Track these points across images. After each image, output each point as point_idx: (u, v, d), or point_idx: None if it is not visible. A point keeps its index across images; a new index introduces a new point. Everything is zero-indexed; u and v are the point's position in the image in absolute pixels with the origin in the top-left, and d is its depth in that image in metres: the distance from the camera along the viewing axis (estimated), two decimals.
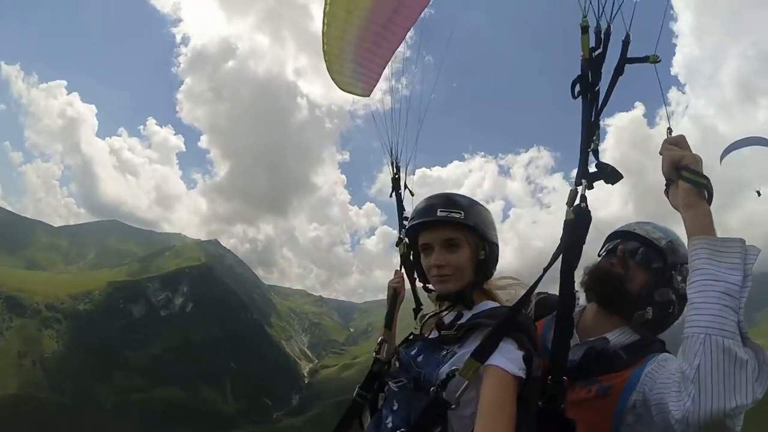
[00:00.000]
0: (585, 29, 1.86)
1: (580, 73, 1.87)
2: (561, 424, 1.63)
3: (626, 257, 2.06)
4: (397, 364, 2.02)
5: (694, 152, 1.66)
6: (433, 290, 2.07)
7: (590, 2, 1.85)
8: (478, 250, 1.93)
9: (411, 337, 2.17)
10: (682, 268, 1.96)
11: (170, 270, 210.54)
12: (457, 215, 1.87)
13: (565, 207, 1.80)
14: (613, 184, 1.80)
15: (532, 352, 1.68)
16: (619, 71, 1.83)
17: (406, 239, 2.60)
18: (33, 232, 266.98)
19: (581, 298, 2.19)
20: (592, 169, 1.81)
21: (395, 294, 2.71)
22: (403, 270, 2.72)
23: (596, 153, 1.82)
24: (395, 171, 3.11)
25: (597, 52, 1.85)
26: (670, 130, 1.77)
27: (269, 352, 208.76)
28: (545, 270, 1.81)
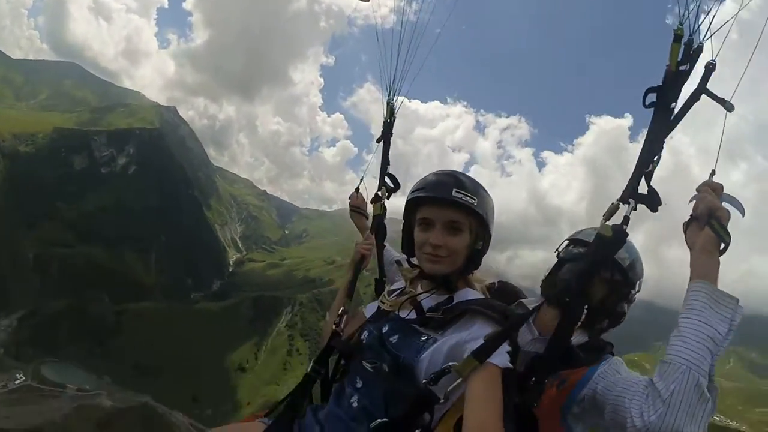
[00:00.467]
0: (678, 38, 1.75)
1: (661, 83, 1.77)
2: (531, 420, 1.72)
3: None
4: (364, 341, 1.92)
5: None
6: (416, 266, 1.98)
7: (688, 12, 1.73)
8: (478, 240, 1.86)
9: (376, 312, 2.05)
10: (639, 284, 2.16)
11: (120, 127, 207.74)
12: (471, 200, 1.78)
13: (601, 218, 1.78)
14: (653, 211, 1.77)
15: (518, 349, 1.68)
16: (695, 98, 1.75)
17: (386, 199, 2.66)
18: None
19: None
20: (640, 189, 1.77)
21: (362, 260, 2.52)
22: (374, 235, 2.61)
23: (650, 176, 1.77)
24: (389, 114, 2.86)
25: (683, 67, 1.75)
26: (713, 172, 1.74)
27: (201, 234, 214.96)
28: (568, 278, 1.87)
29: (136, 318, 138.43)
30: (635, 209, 1.75)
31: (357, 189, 2.91)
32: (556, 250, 2.37)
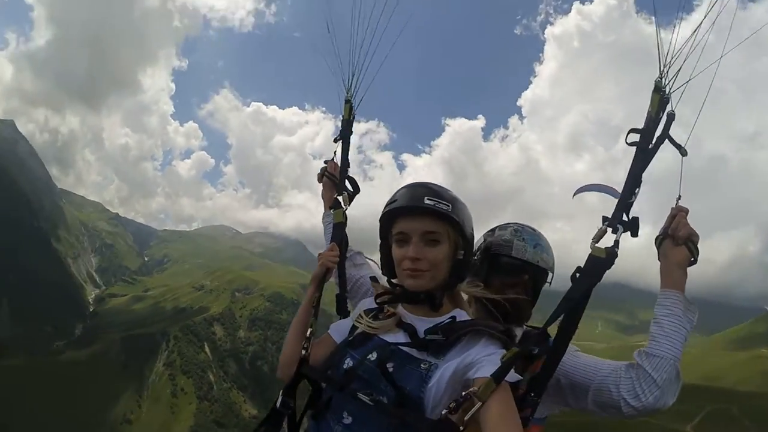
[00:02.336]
0: (658, 89, 1.98)
1: (643, 126, 1.99)
2: None
3: (529, 288, 2.33)
4: (346, 368, 1.74)
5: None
6: (397, 286, 1.87)
7: (668, 67, 1.96)
8: (458, 249, 1.78)
9: (355, 335, 1.86)
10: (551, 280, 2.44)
11: None
12: (444, 207, 1.72)
13: (590, 241, 1.95)
14: (634, 236, 1.96)
15: (526, 367, 1.74)
16: (661, 141, 1.97)
17: (347, 205, 2.54)
18: None
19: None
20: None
21: (326, 273, 2.25)
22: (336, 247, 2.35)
23: (629, 207, 1.96)
24: (349, 112, 2.69)
25: (659, 115, 1.98)
26: (680, 197, 1.99)
27: (53, 271, 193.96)
28: (566, 301, 1.87)
29: None
30: (621, 234, 1.94)
31: (332, 158, 2.81)
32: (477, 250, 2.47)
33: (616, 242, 1.93)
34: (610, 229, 1.95)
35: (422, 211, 1.73)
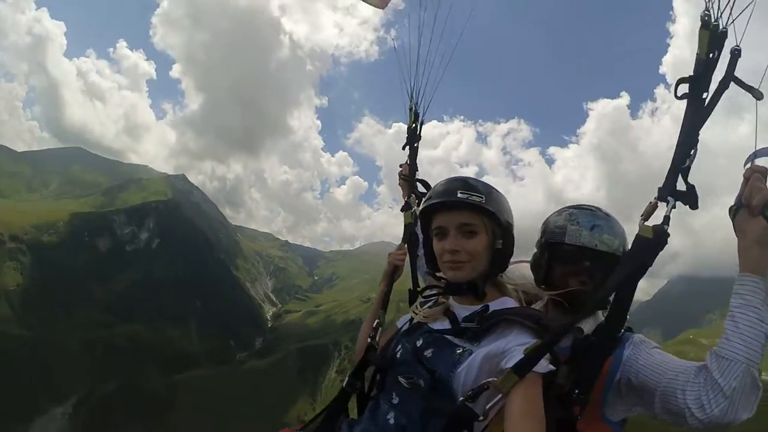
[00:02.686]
0: (706, 24, 1.71)
1: (692, 73, 1.73)
2: None
3: (595, 275, 2.08)
4: (398, 355, 1.88)
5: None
6: (443, 277, 1.92)
7: None
8: (496, 239, 1.81)
9: (410, 324, 2.01)
10: None
11: (136, 204, 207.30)
12: (477, 198, 1.75)
13: (640, 218, 1.76)
14: (693, 208, 1.73)
15: (560, 360, 1.63)
16: (724, 86, 1.71)
17: (417, 208, 2.55)
18: None
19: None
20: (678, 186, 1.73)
21: (394, 271, 2.51)
22: (406, 245, 2.59)
23: (686, 172, 1.72)
24: (413, 120, 2.86)
25: (712, 54, 1.71)
26: (755, 155, 1.69)
27: (234, 294, 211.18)
28: (613, 287, 1.76)
29: (187, 388, 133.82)
30: (674, 207, 1.70)
31: (406, 162, 2.93)
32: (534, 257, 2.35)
33: (667, 218, 1.72)
34: (661, 203, 1.74)
35: (457, 204, 1.76)
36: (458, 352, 1.69)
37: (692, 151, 1.70)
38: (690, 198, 1.69)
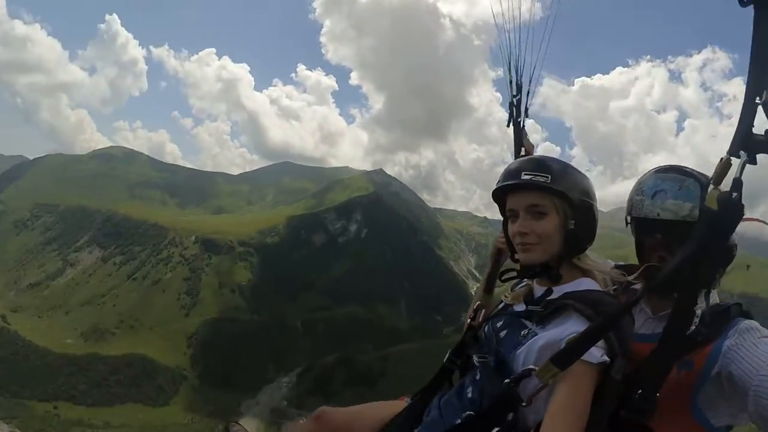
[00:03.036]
0: None
1: None
2: None
3: (672, 248, 1.83)
4: (484, 335, 1.91)
5: None
6: (517, 259, 1.86)
7: None
8: (567, 219, 1.72)
9: (501, 306, 2.00)
10: None
11: (342, 201, 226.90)
12: (542, 179, 1.69)
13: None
14: None
15: (616, 352, 1.50)
16: None
17: None
18: (215, 183, 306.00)
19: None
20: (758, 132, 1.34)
21: (499, 253, 2.40)
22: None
23: (767, 107, 1.32)
24: (516, 92, 2.61)
25: None
26: None
27: (438, 272, 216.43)
28: (668, 273, 1.51)
29: (397, 360, 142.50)
30: (753, 163, 1.34)
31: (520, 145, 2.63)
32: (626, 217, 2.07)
33: (736, 181, 1.38)
34: (734, 159, 1.39)
35: (524, 185, 1.72)
36: (523, 333, 1.69)
37: None
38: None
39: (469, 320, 2.15)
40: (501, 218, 1.81)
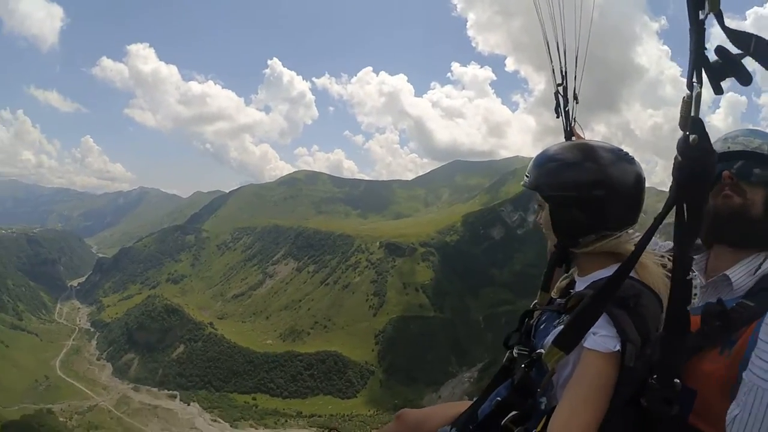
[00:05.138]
0: None
1: None
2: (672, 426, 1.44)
3: (737, 181, 1.64)
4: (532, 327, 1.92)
5: None
6: None
7: None
8: (551, 212, 1.76)
9: (548, 300, 2.01)
10: None
11: (518, 192, 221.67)
12: (525, 179, 1.80)
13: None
14: (744, 83, 1.16)
15: (629, 338, 1.40)
16: None
17: None
18: (392, 191, 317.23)
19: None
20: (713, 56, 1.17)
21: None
22: None
23: (719, 17, 1.12)
24: (560, 79, 2.42)
25: None
26: None
27: None
28: (645, 240, 1.40)
29: None
30: (718, 92, 1.21)
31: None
32: None
33: (694, 122, 1.20)
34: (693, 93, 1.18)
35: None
36: (555, 323, 1.70)
37: None
38: (732, 65, 1.14)
39: (526, 319, 2.07)
40: None
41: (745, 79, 1.14)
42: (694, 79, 1.15)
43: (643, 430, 1.44)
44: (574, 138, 2.47)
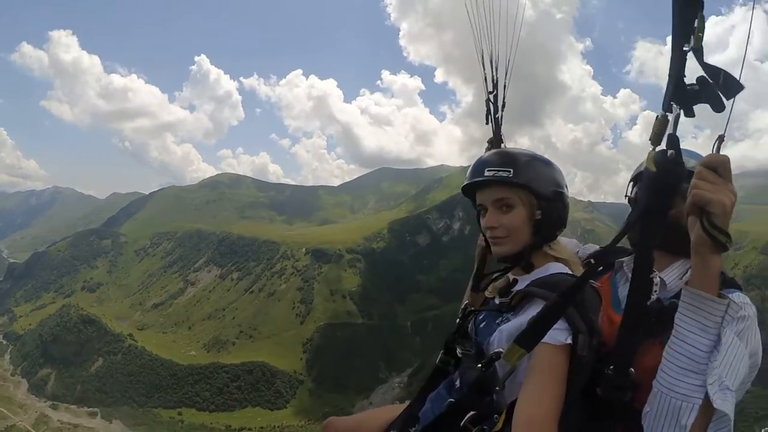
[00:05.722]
0: None
1: None
2: (625, 416, 1.55)
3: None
4: (468, 328, 1.96)
5: (729, 189, 1.29)
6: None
7: None
8: (534, 210, 1.75)
9: (484, 301, 2.07)
10: None
11: (443, 200, 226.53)
12: (505, 173, 1.72)
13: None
14: (717, 109, 1.24)
15: (579, 330, 1.51)
16: None
17: None
18: (318, 196, 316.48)
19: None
20: (692, 82, 1.27)
21: (484, 251, 2.32)
22: None
23: (698, 53, 1.22)
24: (493, 86, 2.46)
25: None
26: (721, 138, 1.28)
27: None
28: (614, 241, 1.55)
29: None
30: (689, 115, 1.29)
31: (490, 141, 2.52)
32: (626, 195, 2.15)
33: (671, 138, 1.33)
34: (670, 115, 1.33)
35: (488, 181, 1.77)
36: (497, 321, 1.75)
37: (695, 19, 1.21)
38: (708, 89, 1.23)
39: (458, 320, 2.13)
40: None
41: (717, 106, 1.23)
42: (672, 102, 1.27)
43: (597, 418, 1.57)
44: (503, 144, 2.48)
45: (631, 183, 2.09)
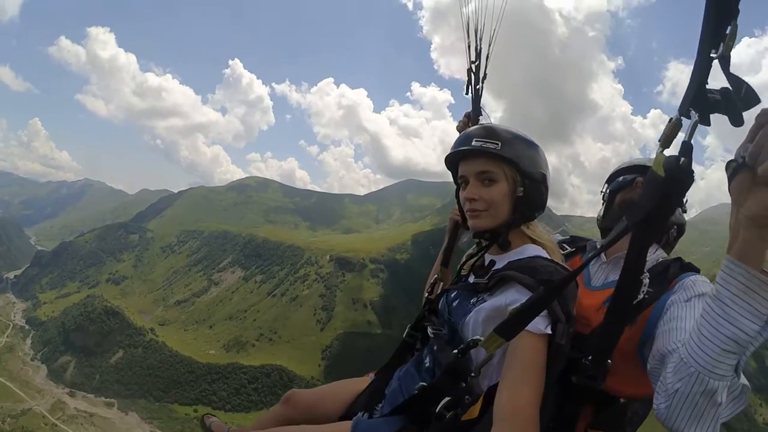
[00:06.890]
0: None
1: None
2: (598, 401, 1.62)
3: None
4: (439, 306, 1.96)
5: None
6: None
7: None
8: (516, 187, 1.73)
9: (457, 278, 2.04)
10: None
11: None
12: (492, 145, 1.70)
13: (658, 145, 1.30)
14: (744, 110, 1.13)
15: (558, 319, 1.51)
16: None
17: None
18: (344, 205, 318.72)
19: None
20: (714, 87, 1.19)
21: (455, 227, 2.46)
22: None
23: (725, 61, 1.14)
24: (475, 57, 2.49)
25: None
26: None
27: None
28: (607, 245, 1.42)
29: None
30: (706, 123, 1.20)
31: (467, 114, 2.56)
32: (601, 191, 2.22)
33: (685, 145, 1.25)
34: (682, 118, 1.24)
35: (474, 152, 1.74)
36: (472, 301, 1.71)
37: (727, 27, 1.13)
38: (730, 100, 1.15)
39: (426, 294, 2.16)
40: None
41: (736, 120, 1.14)
42: (691, 108, 1.19)
43: (568, 402, 1.61)
44: (481, 117, 2.51)
45: (606, 184, 2.22)
